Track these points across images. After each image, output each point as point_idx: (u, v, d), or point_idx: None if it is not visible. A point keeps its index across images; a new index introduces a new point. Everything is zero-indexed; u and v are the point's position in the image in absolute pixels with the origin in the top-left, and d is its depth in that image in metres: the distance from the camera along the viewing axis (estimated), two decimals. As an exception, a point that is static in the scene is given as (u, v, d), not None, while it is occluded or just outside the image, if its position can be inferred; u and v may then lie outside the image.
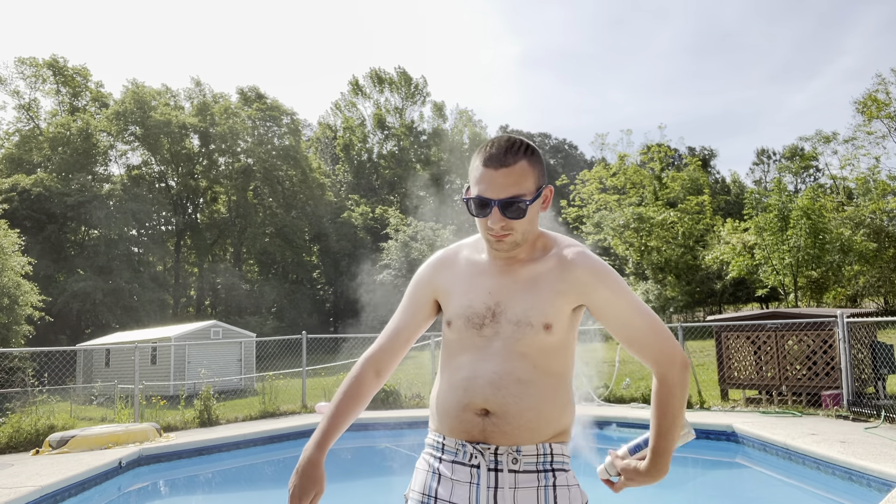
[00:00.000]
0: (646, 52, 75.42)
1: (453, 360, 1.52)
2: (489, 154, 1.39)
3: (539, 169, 1.42)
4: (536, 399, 1.44)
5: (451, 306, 1.53)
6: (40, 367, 16.90)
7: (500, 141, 1.41)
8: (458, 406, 1.47)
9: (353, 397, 1.54)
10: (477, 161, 1.41)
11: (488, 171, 1.38)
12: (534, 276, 1.48)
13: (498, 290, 1.48)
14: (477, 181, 1.40)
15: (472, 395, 1.45)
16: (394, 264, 38.16)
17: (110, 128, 39.18)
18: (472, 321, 1.48)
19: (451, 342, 1.53)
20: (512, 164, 1.37)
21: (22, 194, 32.61)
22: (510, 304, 1.46)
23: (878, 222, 27.26)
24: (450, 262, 1.59)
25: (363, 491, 6.84)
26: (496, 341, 1.46)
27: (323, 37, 74.96)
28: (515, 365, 1.44)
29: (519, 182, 1.37)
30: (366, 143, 51.62)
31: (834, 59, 68.92)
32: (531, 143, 1.43)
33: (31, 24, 60.67)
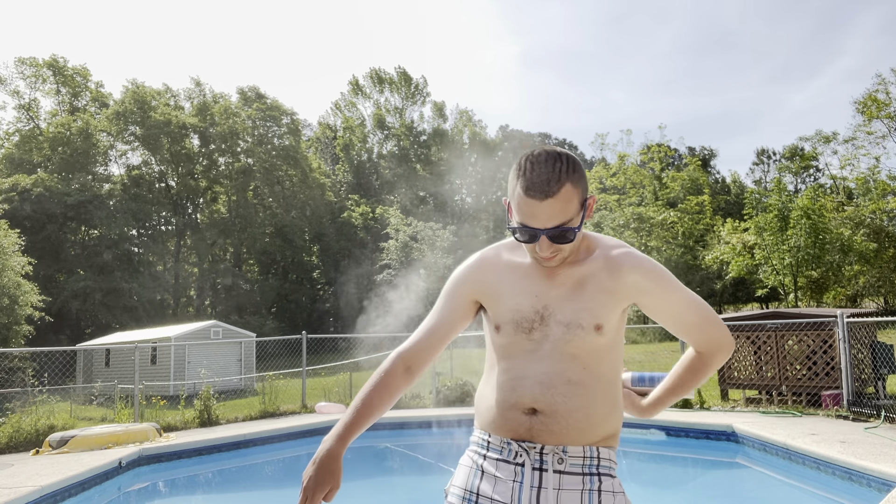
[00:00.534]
0: (646, 52, 75.45)
1: (502, 361, 1.50)
2: (531, 182, 1.34)
3: (582, 185, 1.38)
4: (586, 399, 1.43)
5: (498, 310, 1.51)
6: (40, 367, 16.90)
7: (540, 163, 1.35)
8: (504, 404, 1.46)
9: (380, 392, 1.49)
10: (518, 186, 1.37)
11: (532, 202, 1.34)
12: (580, 278, 1.47)
13: (545, 293, 1.47)
14: (519, 209, 1.37)
15: (521, 394, 1.44)
16: (394, 264, 38.16)
17: (110, 128, 39.18)
18: (521, 325, 1.46)
19: (500, 346, 1.51)
20: (556, 193, 1.33)
21: (22, 194, 32.61)
22: (559, 307, 1.45)
23: (878, 222, 27.27)
24: (492, 264, 1.55)
25: (363, 491, 6.84)
26: (546, 344, 1.44)
27: (323, 37, 74.98)
28: (566, 366, 1.43)
29: (565, 209, 1.34)
30: (366, 143, 51.60)
31: (834, 59, 68.96)
32: (570, 155, 1.38)
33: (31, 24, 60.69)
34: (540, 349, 1.45)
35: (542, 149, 1.40)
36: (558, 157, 1.36)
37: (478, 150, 52.12)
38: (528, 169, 1.35)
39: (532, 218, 1.35)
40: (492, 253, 1.59)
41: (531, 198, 1.33)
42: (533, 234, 1.37)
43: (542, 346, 1.45)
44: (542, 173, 1.33)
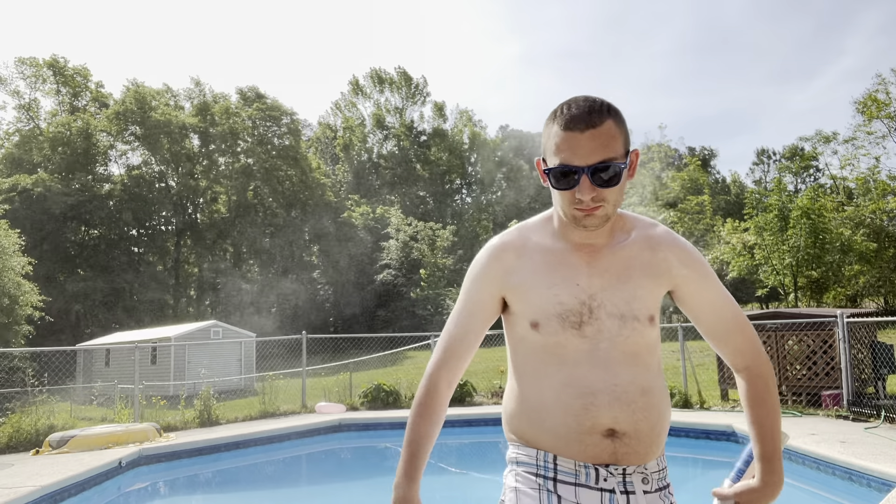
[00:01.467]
0: (646, 52, 75.44)
1: (552, 368, 1.31)
2: (571, 115, 1.21)
3: (625, 130, 1.25)
4: (659, 409, 1.31)
5: (534, 304, 1.33)
6: (40, 367, 16.88)
7: (579, 101, 1.23)
8: (578, 428, 1.27)
9: (430, 418, 1.38)
10: (555, 126, 1.23)
11: (572, 135, 1.20)
12: (624, 262, 1.32)
13: (588, 281, 1.31)
14: (558, 148, 1.22)
15: (597, 415, 1.27)
16: (394, 264, 38.15)
17: (110, 128, 39.18)
18: (569, 319, 1.29)
19: (544, 347, 1.32)
20: (599, 125, 1.20)
21: (22, 194, 32.60)
22: (607, 296, 1.30)
23: (878, 222, 27.26)
24: (516, 251, 1.37)
25: (363, 491, 6.84)
26: (602, 342, 1.29)
27: (323, 37, 74.98)
28: (633, 371, 1.29)
29: (609, 144, 1.20)
30: (366, 143, 51.62)
31: (834, 59, 68.97)
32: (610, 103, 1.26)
33: (31, 24, 60.69)
34: (597, 349, 1.29)
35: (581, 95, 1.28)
36: (596, 99, 1.24)
37: (478, 150, 52.13)
38: (566, 107, 1.23)
39: (572, 154, 1.20)
40: (515, 236, 1.39)
41: (571, 130, 1.20)
42: (573, 171, 1.20)
43: (598, 344, 1.29)
44: (583, 107, 1.21)
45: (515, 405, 1.38)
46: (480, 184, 52.36)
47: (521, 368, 1.38)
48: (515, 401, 1.38)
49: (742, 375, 1.41)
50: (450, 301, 34.84)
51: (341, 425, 9.35)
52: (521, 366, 1.38)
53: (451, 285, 37.20)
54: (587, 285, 1.31)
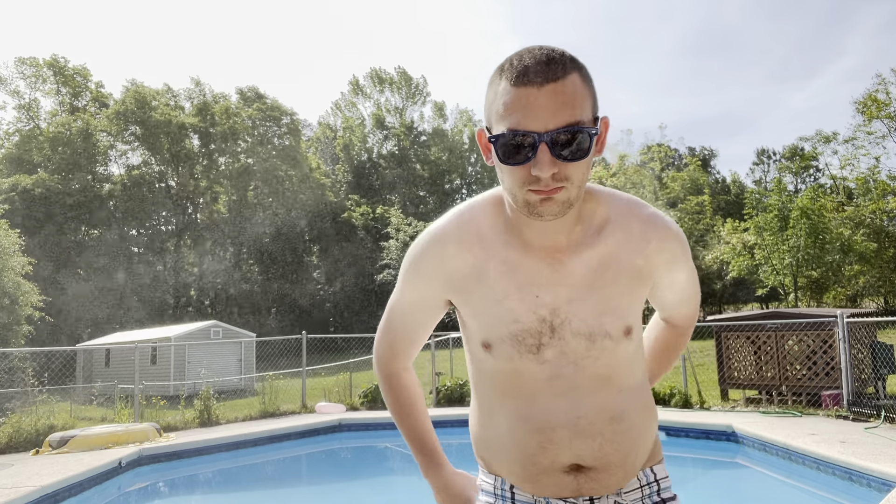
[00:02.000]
0: (646, 52, 75.42)
1: (508, 400, 1.12)
2: (524, 66, 0.91)
3: (593, 89, 0.97)
4: (635, 432, 1.13)
5: (483, 319, 1.09)
6: (40, 367, 16.89)
7: (533, 50, 0.94)
8: (535, 466, 1.11)
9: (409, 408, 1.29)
10: (503, 82, 0.93)
11: (526, 92, 0.90)
12: (597, 262, 1.06)
13: (550, 290, 1.05)
14: (508, 109, 0.92)
15: (556, 454, 1.09)
16: (394, 264, 38.16)
17: (110, 128, 39.19)
18: (524, 342, 1.06)
19: (497, 373, 1.11)
20: (562, 77, 0.91)
21: (22, 194, 32.61)
22: (574, 309, 1.05)
23: (878, 222, 27.28)
24: (462, 245, 1.09)
25: (363, 491, 6.84)
26: (565, 367, 1.07)
27: (323, 37, 74.96)
28: (602, 397, 1.09)
29: (573, 103, 0.91)
30: (366, 143, 51.62)
31: (835, 58, 68.95)
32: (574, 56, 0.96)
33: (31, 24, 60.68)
34: (559, 375, 1.07)
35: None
36: (558, 50, 0.95)
37: (478, 150, 52.14)
38: (517, 58, 0.94)
39: (527, 115, 0.91)
40: (457, 224, 1.10)
41: (524, 86, 0.91)
42: (527, 141, 0.91)
43: (560, 369, 1.07)
44: (538, 56, 0.92)
45: (477, 427, 1.22)
46: (480, 184, 52.36)
47: (477, 388, 1.19)
48: (477, 422, 1.22)
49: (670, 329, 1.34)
50: (450, 301, 34.83)
51: (341, 425, 9.35)
52: (477, 384, 1.19)
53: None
54: (549, 297, 1.05)
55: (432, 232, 1.13)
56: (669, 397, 9.29)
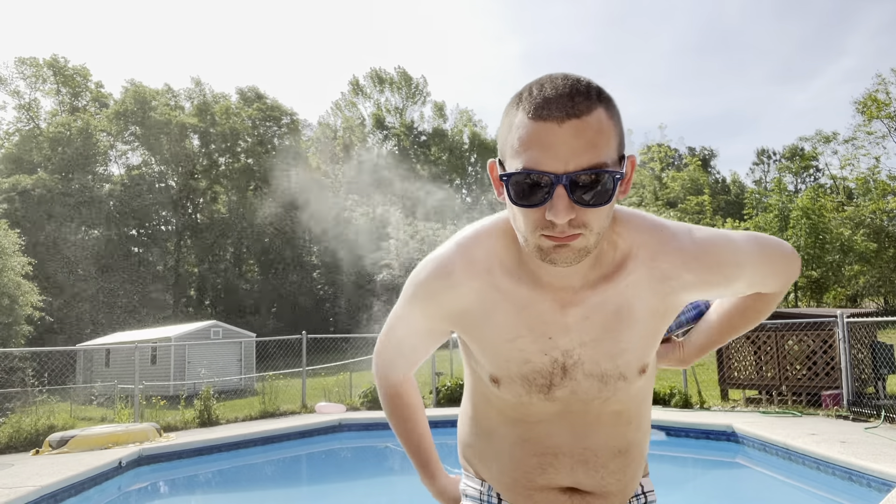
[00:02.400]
0: (646, 52, 75.42)
1: (511, 425, 1.10)
2: (544, 98, 0.82)
3: (620, 126, 0.88)
4: (637, 462, 1.12)
5: (492, 357, 1.04)
6: (40, 367, 16.89)
7: (556, 79, 0.84)
8: (530, 484, 1.09)
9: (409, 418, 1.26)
10: (519, 114, 0.85)
11: (546, 127, 0.82)
12: (616, 303, 0.98)
13: (564, 332, 0.99)
14: (524, 145, 0.83)
15: (555, 477, 1.08)
16: (394, 264, 38.17)
17: (110, 128, 39.20)
18: (535, 382, 1.02)
19: (503, 401, 1.08)
20: (585, 114, 0.82)
21: (22, 194, 32.62)
22: (587, 352, 1.00)
23: (878, 222, 27.28)
24: (470, 278, 1.00)
25: (363, 491, 6.84)
26: (575, 403, 1.04)
27: (323, 37, 74.96)
28: (611, 431, 1.07)
29: (598, 143, 0.83)
30: (366, 143, 51.64)
31: (835, 58, 68.94)
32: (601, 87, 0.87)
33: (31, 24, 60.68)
34: (569, 409, 1.05)
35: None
36: (583, 80, 0.86)
37: (478, 151, 52.15)
38: (537, 87, 0.85)
39: (544, 153, 0.82)
40: (466, 257, 1.01)
41: (543, 120, 0.82)
42: (543, 182, 0.83)
43: (570, 406, 1.04)
44: (561, 86, 0.83)
45: (467, 435, 1.20)
46: (480, 184, 52.37)
47: (475, 403, 1.16)
48: (468, 430, 1.20)
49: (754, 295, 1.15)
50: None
51: (341, 425, 9.35)
52: (475, 400, 1.16)
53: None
54: (562, 340, 0.99)
55: (437, 261, 1.03)
56: (669, 397, 9.29)
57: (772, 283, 1.11)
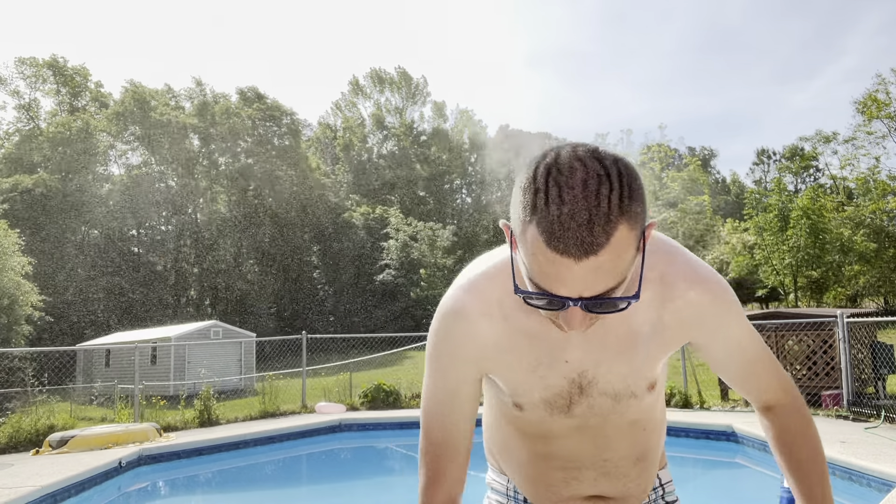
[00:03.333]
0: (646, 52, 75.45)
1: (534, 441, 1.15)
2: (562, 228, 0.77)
3: (641, 216, 0.81)
4: (655, 462, 1.18)
5: (515, 387, 1.08)
6: (40, 367, 16.89)
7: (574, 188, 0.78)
8: (555, 496, 1.15)
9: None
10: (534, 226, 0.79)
11: (561, 261, 0.79)
12: (626, 326, 1.01)
13: (578, 355, 1.03)
14: (538, 266, 0.82)
15: (579, 489, 1.13)
16: (394, 264, 38.16)
17: (110, 128, 39.20)
18: (556, 404, 1.07)
19: (527, 422, 1.13)
20: (602, 248, 0.78)
21: (22, 194, 32.62)
22: (601, 372, 1.04)
23: (878, 222, 27.28)
24: (489, 319, 1.03)
25: (363, 491, 6.84)
26: (592, 418, 1.09)
27: (323, 37, 74.98)
28: (629, 441, 1.12)
29: (614, 268, 0.80)
30: (366, 143, 51.65)
31: (835, 58, 69.01)
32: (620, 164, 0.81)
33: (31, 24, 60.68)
34: (587, 425, 1.10)
35: (573, 153, 0.81)
36: (605, 175, 0.79)
37: (478, 151, 52.16)
38: (554, 197, 0.78)
39: (559, 283, 0.81)
40: (480, 299, 1.03)
41: (559, 253, 0.78)
42: (559, 304, 0.84)
43: (588, 420, 1.09)
44: (580, 210, 0.77)
45: (490, 437, 1.24)
46: (480, 184, 52.38)
47: (499, 419, 1.19)
48: (493, 435, 1.23)
49: (771, 414, 1.15)
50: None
51: (341, 425, 9.35)
52: (499, 418, 1.18)
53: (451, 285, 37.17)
54: (577, 362, 1.03)
55: (453, 309, 1.04)
56: (669, 397, 9.30)
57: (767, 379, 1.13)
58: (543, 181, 0.79)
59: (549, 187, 0.79)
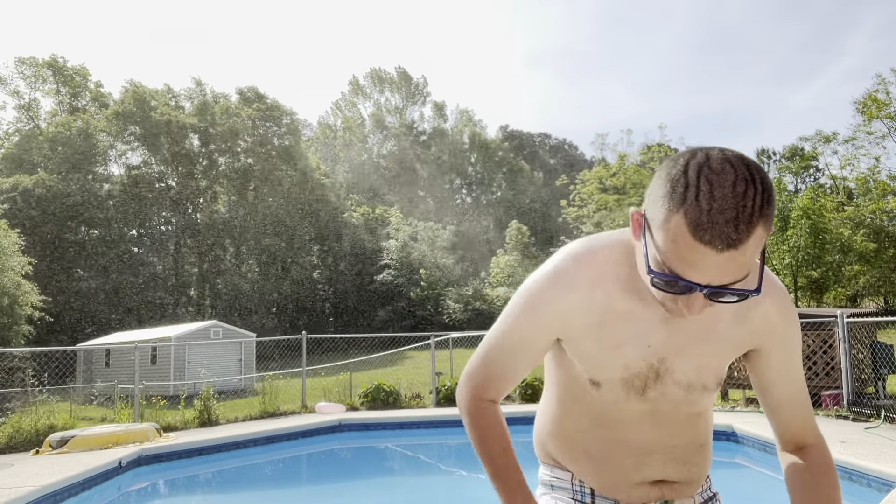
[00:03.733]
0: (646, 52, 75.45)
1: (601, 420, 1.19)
2: (711, 223, 0.84)
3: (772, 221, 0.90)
4: (710, 450, 1.28)
5: (596, 363, 1.13)
6: (40, 367, 16.89)
7: (725, 187, 0.85)
8: (624, 481, 1.20)
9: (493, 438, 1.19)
10: (680, 216, 0.86)
11: (704, 252, 0.86)
12: (708, 319, 1.09)
13: (661, 342, 1.10)
14: (675, 252, 0.89)
15: (648, 474, 1.19)
16: (394, 264, 38.16)
17: (110, 128, 39.19)
18: (633, 385, 1.13)
19: (597, 402, 1.18)
20: (744, 242, 0.85)
21: (22, 194, 32.62)
22: (679, 362, 1.11)
23: (878, 222, 27.28)
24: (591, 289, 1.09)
25: (363, 491, 6.84)
26: (663, 404, 1.15)
27: (323, 37, 74.97)
28: (693, 430, 1.21)
29: (745, 263, 0.88)
30: (366, 143, 51.65)
31: (835, 59, 68.98)
32: (762, 171, 0.89)
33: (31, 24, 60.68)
34: (657, 409, 1.16)
35: (723, 156, 0.88)
36: (752, 180, 0.86)
37: (478, 150, 52.15)
38: (705, 192, 0.85)
39: (693, 269, 0.89)
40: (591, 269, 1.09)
41: (703, 244, 0.85)
42: (686, 288, 0.91)
43: (658, 405, 1.15)
44: (728, 208, 0.85)
45: (554, 431, 1.27)
46: (480, 184, 52.38)
47: (567, 405, 1.23)
48: (555, 427, 1.27)
49: (801, 454, 1.20)
50: (450, 301, 34.85)
51: (341, 425, 9.35)
52: (567, 403, 1.23)
53: (450, 285, 37.20)
54: (659, 347, 1.10)
55: (556, 273, 1.11)
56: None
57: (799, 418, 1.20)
58: (695, 177, 0.87)
59: (700, 183, 0.86)
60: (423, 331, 28.79)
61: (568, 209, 36.94)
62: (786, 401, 1.19)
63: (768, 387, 1.19)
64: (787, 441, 1.22)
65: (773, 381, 1.18)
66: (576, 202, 36.73)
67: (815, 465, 1.19)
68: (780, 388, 1.18)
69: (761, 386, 1.20)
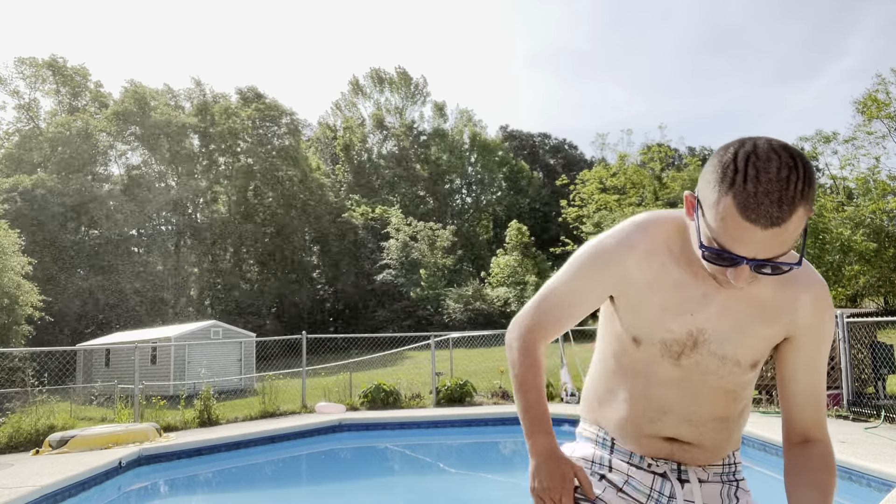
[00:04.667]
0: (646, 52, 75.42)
1: (637, 379, 1.29)
2: (754, 200, 0.96)
3: (813, 203, 1.01)
4: (731, 430, 1.32)
5: (641, 321, 1.24)
6: (40, 367, 16.89)
7: (770, 171, 0.96)
8: (640, 432, 1.31)
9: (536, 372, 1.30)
10: (729, 197, 0.99)
11: (750, 229, 0.98)
12: (748, 298, 1.19)
13: (703, 313, 1.20)
14: (724, 227, 1.00)
15: (661, 429, 1.29)
16: (394, 264, 38.15)
17: (110, 128, 39.20)
18: (671, 348, 1.23)
19: (636, 360, 1.28)
20: (787, 221, 0.97)
21: (22, 194, 32.62)
22: (717, 334, 1.20)
23: (878, 222, 27.27)
24: (648, 256, 1.22)
25: (363, 491, 6.84)
26: (695, 374, 1.24)
27: (323, 37, 74.94)
28: (716, 403, 1.27)
29: (787, 240, 1.00)
30: (366, 143, 51.63)
31: (835, 59, 68.92)
32: (805, 158, 0.99)
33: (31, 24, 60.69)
34: (688, 378, 1.25)
35: (769, 145, 1.00)
36: (794, 166, 0.97)
37: (478, 150, 52.13)
38: (752, 177, 0.97)
39: (740, 244, 1.00)
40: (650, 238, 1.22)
41: (750, 222, 0.97)
42: (733, 261, 1.03)
43: (690, 375, 1.24)
44: (773, 190, 0.96)
45: (597, 387, 1.40)
46: (480, 184, 52.38)
47: (606, 360, 1.36)
48: (594, 382, 1.42)
49: (808, 448, 1.26)
50: (450, 301, 34.84)
51: (341, 425, 9.35)
52: (607, 358, 1.36)
53: (450, 285, 37.20)
54: (701, 317, 1.20)
55: (621, 234, 1.24)
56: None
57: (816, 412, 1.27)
58: (743, 164, 0.98)
59: (748, 169, 0.98)
60: (423, 331, 28.78)
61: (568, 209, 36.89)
62: (802, 394, 1.25)
63: (790, 375, 1.25)
64: (794, 433, 1.28)
65: (796, 372, 1.25)
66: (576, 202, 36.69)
67: (816, 459, 1.24)
68: (801, 380, 1.25)
69: (783, 374, 1.26)
